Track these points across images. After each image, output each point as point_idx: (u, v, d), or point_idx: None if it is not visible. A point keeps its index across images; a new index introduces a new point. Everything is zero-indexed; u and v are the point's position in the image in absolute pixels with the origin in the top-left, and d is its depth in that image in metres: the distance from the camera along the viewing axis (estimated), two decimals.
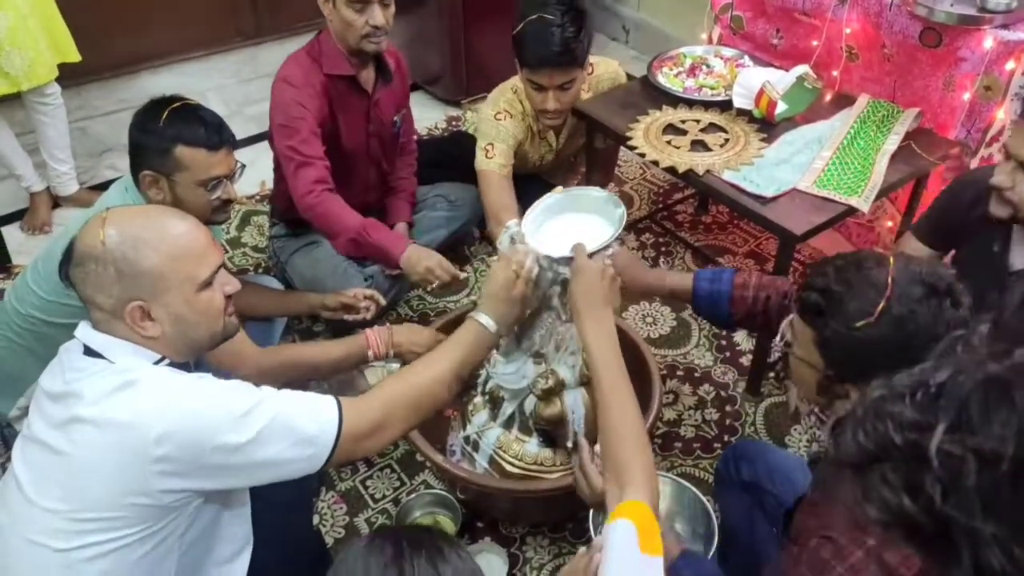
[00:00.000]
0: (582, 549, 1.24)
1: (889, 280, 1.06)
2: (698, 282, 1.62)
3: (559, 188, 1.63)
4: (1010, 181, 1.49)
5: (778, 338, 1.25)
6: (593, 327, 1.34)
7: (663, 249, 2.71)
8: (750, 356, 2.25)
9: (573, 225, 1.54)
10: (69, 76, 3.06)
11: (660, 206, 2.90)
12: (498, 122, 2.28)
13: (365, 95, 2.22)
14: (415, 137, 2.63)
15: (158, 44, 3.43)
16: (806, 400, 1.27)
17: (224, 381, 1.22)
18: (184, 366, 1.26)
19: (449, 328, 1.92)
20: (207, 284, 1.23)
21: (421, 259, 2.06)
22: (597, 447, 1.34)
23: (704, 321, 2.38)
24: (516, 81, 2.28)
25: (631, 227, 2.78)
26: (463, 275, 2.08)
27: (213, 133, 1.69)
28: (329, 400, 1.25)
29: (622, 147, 2.37)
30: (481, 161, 2.28)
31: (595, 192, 1.59)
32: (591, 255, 1.42)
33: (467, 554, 0.96)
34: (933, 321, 1.04)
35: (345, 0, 2.01)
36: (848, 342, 1.08)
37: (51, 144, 2.80)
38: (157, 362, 1.21)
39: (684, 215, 2.87)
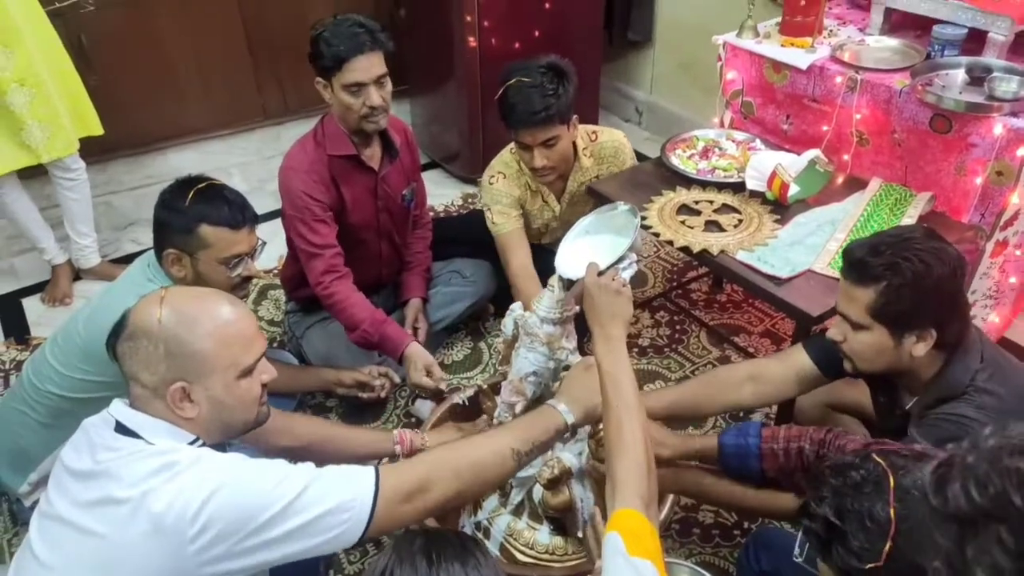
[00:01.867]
0: None
1: (892, 513, 0.92)
2: (723, 438, 1.55)
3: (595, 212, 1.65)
4: (841, 335, 1.51)
5: (796, 551, 1.15)
6: (602, 344, 1.35)
7: (677, 327, 2.70)
8: None
9: (599, 246, 1.55)
10: (95, 151, 3.15)
11: (675, 284, 2.91)
12: (491, 186, 2.35)
13: (371, 172, 2.27)
14: (430, 213, 2.68)
15: (184, 121, 3.53)
16: None
17: (258, 459, 1.21)
18: (218, 446, 1.26)
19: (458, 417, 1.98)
20: (248, 372, 1.25)
21: (418, 363, 2.12)
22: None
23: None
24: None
25: (645, 305, 2.79)
26: (445, 388, 2.13)
27: (237, 212, 1.74)
28: (366, 468, 1.24)
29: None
30: (490, 228, 2.35)
31: (621, 207, 1.59)
32: (602, 272, 1.42)
33: (490, 555, 1.02)
34: (949, 540, 0.89)
35: (341, 86, 2.07)
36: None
37: (74, 217, 2.86)
38: (192, 443, 1.21)
39: (699, 293, 2.87)
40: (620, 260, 1.47)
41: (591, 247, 1.58)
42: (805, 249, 2.05)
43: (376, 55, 2.07)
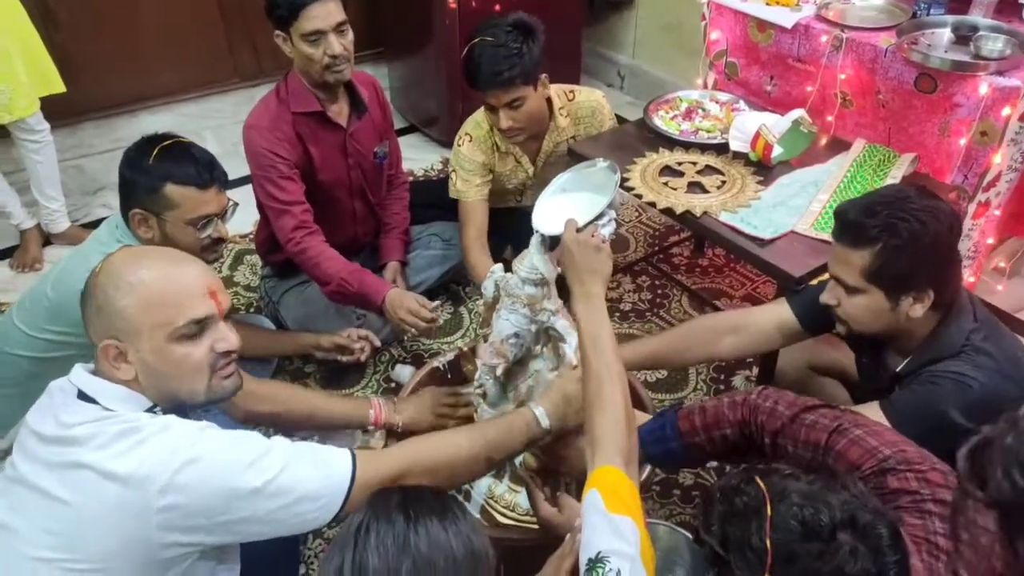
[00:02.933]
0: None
1: (767, 544, 0.89)
2: (645, 447, 1.41)
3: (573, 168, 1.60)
4: (835, 299, 1.48)
5: None
6: (582, 302, 1.33)
7: (659, 292, 2.69)
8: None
9: (578, 203, 1.51)
10: (64, 113, 3.07)
11: (656, 249, 2.89)
12: (459, 148, 2.32)
13: (339, 129, 2.22)
14: (409, 177, 2.63)
15: (156, 83, 3.44)
16: None
17: (231, 431, 1.17)
18: (181, 412, 1.21)
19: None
20: (187, 336, 1.17)
21: (401, 303, 2.09)
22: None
23: (702, 364, 2.35)
24: None
25: (626, 270, 2.77)
26: (438, 318, 2.11)
27: (204, 171, 1.68)
28: (343, 451, 1.20)
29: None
30: (452, 192, 2.34)
31: (600, 163, 1.55)
32: (580, 229, 1.39)
33: (468, 512, 1.01)
34: (837, 574, 0.87)
35: (299, 35, 2.02)
36: None
37: (41, 181, 2.78)
38: (149, 409, 1.17)
39: (680, 258, 2.85)
40: (599, 217, 1.44)
41: (569, 204, 1.54)
42: (788, 210, 2.03)
43: (333, 1, 2.01)
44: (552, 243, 1.52)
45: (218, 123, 3.62)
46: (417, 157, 3.41)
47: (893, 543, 0.90)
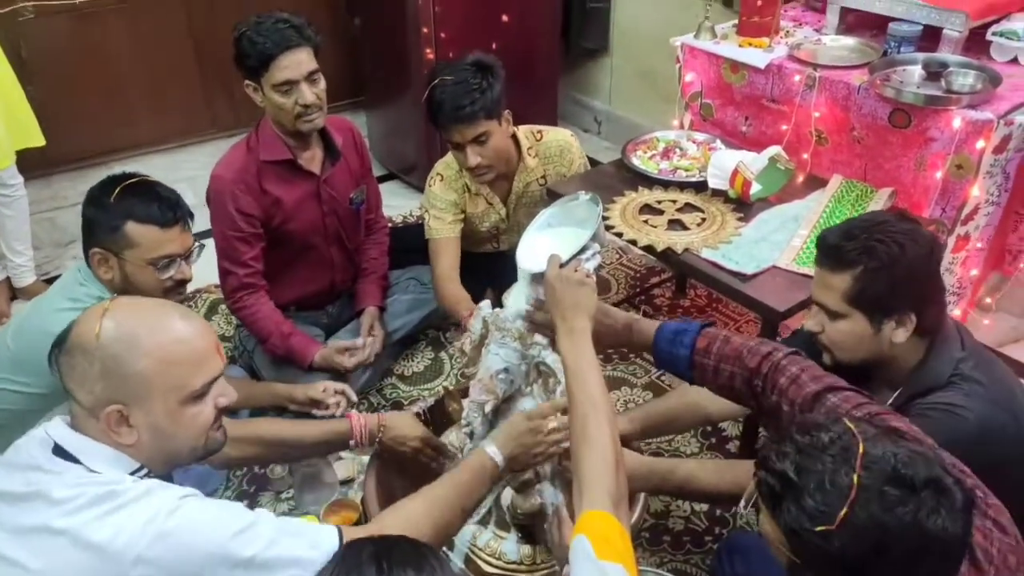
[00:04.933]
0: None
1: (855, 479, 0.90)
2: (658, 341, 1.42)
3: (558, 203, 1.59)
4: (818, 326, 1.47)
5: (742, 504, 1.08)
6: (565, 338, 1.30)
7: None
8: (738, 443, 2.17)
9: (561, 238, 1.49)
10: (38, 165, 3.03)
11: (638, 290, 2.86)
12: (429, 188, 2.32)
13: (311, 176, 2.20)
14: (389, 224, 2.60)
15: (132, 135, 3.43)
16: None
17: (215, 501, 1.12)
18: (166, 479, 1.16)
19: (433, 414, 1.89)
20: (198, 396, 1.14)
21: (330, 358, 2.16)
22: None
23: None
24: None
25: None
26: (366, 346, 2.20)
27: (167, 209, 1.63)
28: (329, 527, 1.15)
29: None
30: (425, 232, 2.33)
31: (582, 196, 1.52)
32: (564, 264, 1.36)
33: (447, 562, 0.96)
34: (909, 528, 0.89)
35: (271, 86, 2.00)
36: (812, 543, 0.92)
37: (9, 234, 2.73)
38: (134, 471, 1.11)
39: (663, 299, 2.83)
40: (583, 251, 1.42)
41: (553, 240, 1.52)
42: (770, 246, 2.01)
43: (305, 50, 2.00)
44: (539, 279, 1.49)
45: (194, 174, 3.58)
46: (396, 204, 3.40)
47: (966, 511, 0.92)
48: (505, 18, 3.31)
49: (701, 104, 2.64)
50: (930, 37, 2.28)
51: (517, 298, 1.55)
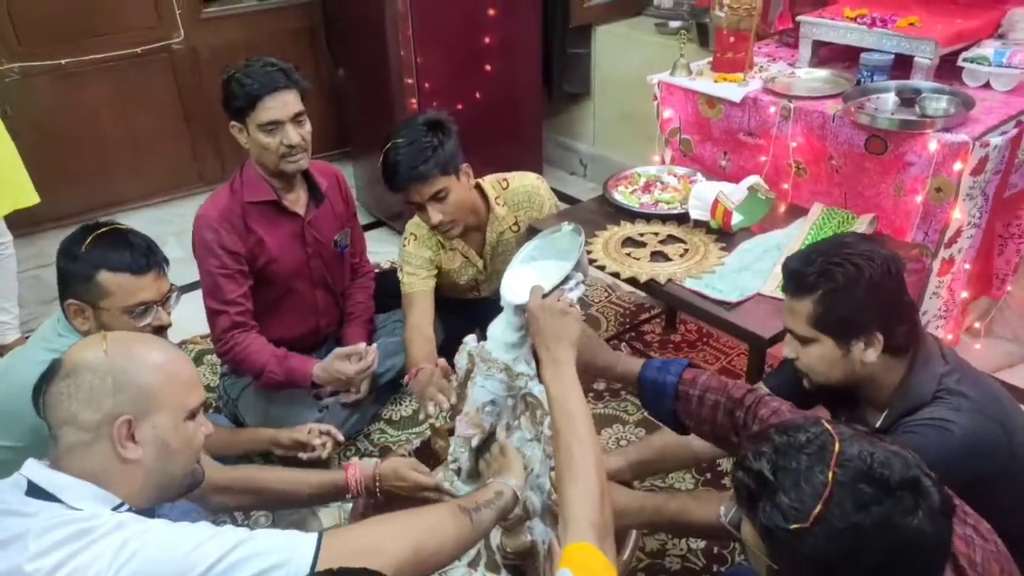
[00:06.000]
0: None
1: (829, 477, 0.89)
2: (645, 370, 1.44)
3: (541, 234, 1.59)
4: (793, 352, 1.48)
5: (722, 511, 1.07)
6: (550, 368, 1.29)
7: None
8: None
9: (545, 270, 1.48)
10: (24, 223, 3.03)
11: (628, 327, 2.84)
12: (404, 248, 2.32)
13: (296, 217, 2.20)
14: (376, 269, 2.60)
15: (119, 191, 3.44)
16: None
17: (183, 523, 1.11)
18: (147, 513, 1.14)
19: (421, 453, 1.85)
20: (193, 415, 1.18)
21: (331, 367, 2.05)
22: None
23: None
24: None
25: None
26: (371, 356, 2.06)
27: (139, 256, 1.60)
28: (307, 539, 1.12)
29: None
30: (401, 286, 2.32)
31: (565, 227, 1.52)
32: (547, 294, 1.36)
33: None
34: (883, 528, 0.87)
35: (256, 126, 2.02)
36: (786, 543, 0.90)
37: None
38: (116, 507, 1.09)
39: (652, 335, 2.81)
40: (565, 281, 1.41)
41: (536, 271, 1.52)
42: (752, 274, 2.01)
43: (292, 93, 2.03)
44: (522, 311, 1.48)
45: (181, 228, 3.58)
46: (383, 250, 3.40)
47: (944, 514, 0.90)
48: (488, 67, 3.37)
49: (680, 140, 2.66)
50: (902, 66, 2.32)
51: (502, 328, 1.54)
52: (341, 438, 2.10)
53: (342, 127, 3.73)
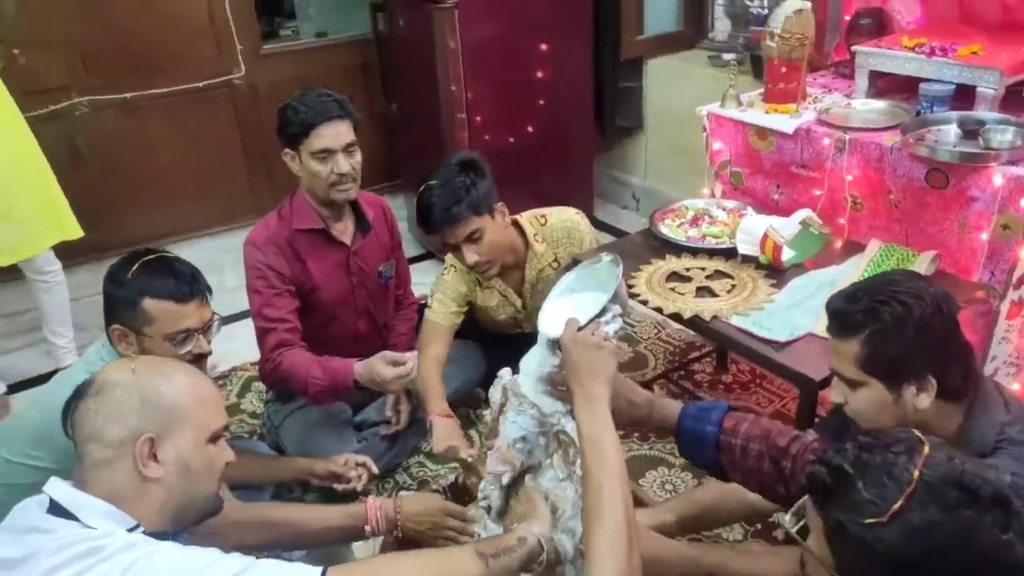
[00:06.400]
0: None
1: (915, 475, 0.86)
2: (683, 419, 1.38)
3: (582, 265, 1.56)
4: (841, 396, 1.39)
5: (787, 516, 1.03)
6: (583, 405, 1.24)
7: None
8: (784, 531, 2.02)
9: (582, 303, 1.44)
10: (86, 251, 3.14)
11: (676, 365, 2.77)
12: (443, 276, 2.30)
13: (342, 246, 2.22)
14: (421, 300, 2.59)
15: (178, 220, 3.55)
16: None
17: (192, 547, 1.11)
18: (161, 537, 1.13)
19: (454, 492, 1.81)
20: (215, 439, 1.20)
21: (372, 369, 1.98)
22: None
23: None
24: None
25: (646, 387, 2.62)
26: (409, 371, 1.98)
27: (183, 284, 1.63)
28: (312, 571, 1.11)
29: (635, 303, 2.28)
30: (425, 312, 2.30)
31: (604, 258, 1.48)
32: (582, 327, 1.31)
33: None
34: (964, 537, 0.83)
35: (309, 153, 2.06)
36: (858, 540, 0.87)
37: (50, 318, 2.81)
38: (131, 529, 1.10)
39: (703, 374, 2.72)
40: (602, 313, 1.37)
41: (574, 304, 1.48)
42: (804, 312, 1.92)
43: (345, 123, 2.07)
44: (557, 345, 1.44)
45: (237, 257, 3.62)
46: (430, 281, 3.33)
47: None
48: (540, 102, 3.38)
49: (731, 173, 2.60)
50: (963, 97, 2.22)
51: (536, 362, 1.50)
52: (376, 470, 2.09)
53: (393, 160, 3.78)
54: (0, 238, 2.54)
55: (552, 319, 1.45)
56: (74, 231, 2.74)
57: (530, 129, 3.41)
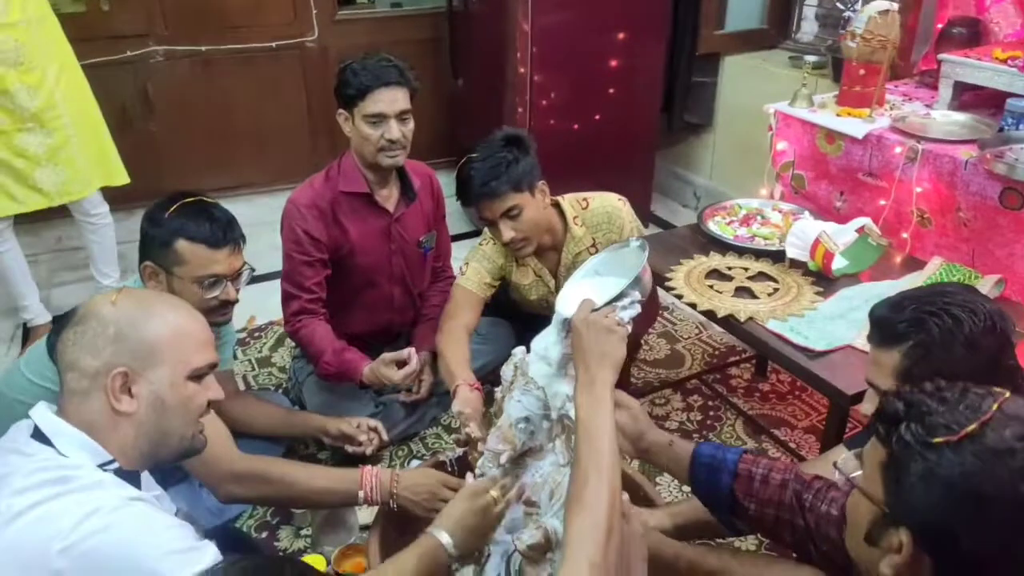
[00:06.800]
0: None
1: (995, 406, 0.84)
2: (701, 447, 1.34)
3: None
4: (873, 409, 1.26)
5: (839, 461, 1.00)
6: (584, 388, 1.18)
7: (711, 413, 2.45)
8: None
9: (605, 286, 1.39)
10: (144, 197, 3.17)
11: (713, 367, 2.67)
12: (481, 245, 2.24)
13: (385, 213, 2.21)
14: (455, 271, 2.57)
15: (239, 175, 3.61)
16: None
17: (164, 515, 1.09)
18: (133, 476, 1.13)
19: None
20: (196, 377, 1.16)
21: (378, 371, 2.05)
22: None
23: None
24: None
25: (677, 386, 2.56)
26: (415, 362, 2.04)
27: (218, 230, 1.65)
28: None
29: (671, 297, 2.20)
30: (457, 277, 2.24)
31: (633, 242, 1.44)
32: (596, 309, 1.26)
33: None
34: None
35: (362, 116, 2.05)
36: (921, 460, 0.83)
37: (97, 258, 2.88)
38: (103, 464, 1.09)
39: (739, 380, 2.62)
40: (620, 297, 1.31)
41: (594, 287, 1.43)
42: (847, 324, 1.82)
43: (402, 90, 2.05)
44: (569, 326, 1.39)
45: None
46: None
47: None
48: (610, 91, 3.31)
49: (793, 175, 2.48)
50: None
51: (546, 343, 1.45)
52: (386, 437, 2.08)
53: (455, 136, 3.76)
54: (48, 180, 2.61)
55: (570, 299, 1.40)
56: (120, 177, 2.79)
57: (596, 117, 3.35)
